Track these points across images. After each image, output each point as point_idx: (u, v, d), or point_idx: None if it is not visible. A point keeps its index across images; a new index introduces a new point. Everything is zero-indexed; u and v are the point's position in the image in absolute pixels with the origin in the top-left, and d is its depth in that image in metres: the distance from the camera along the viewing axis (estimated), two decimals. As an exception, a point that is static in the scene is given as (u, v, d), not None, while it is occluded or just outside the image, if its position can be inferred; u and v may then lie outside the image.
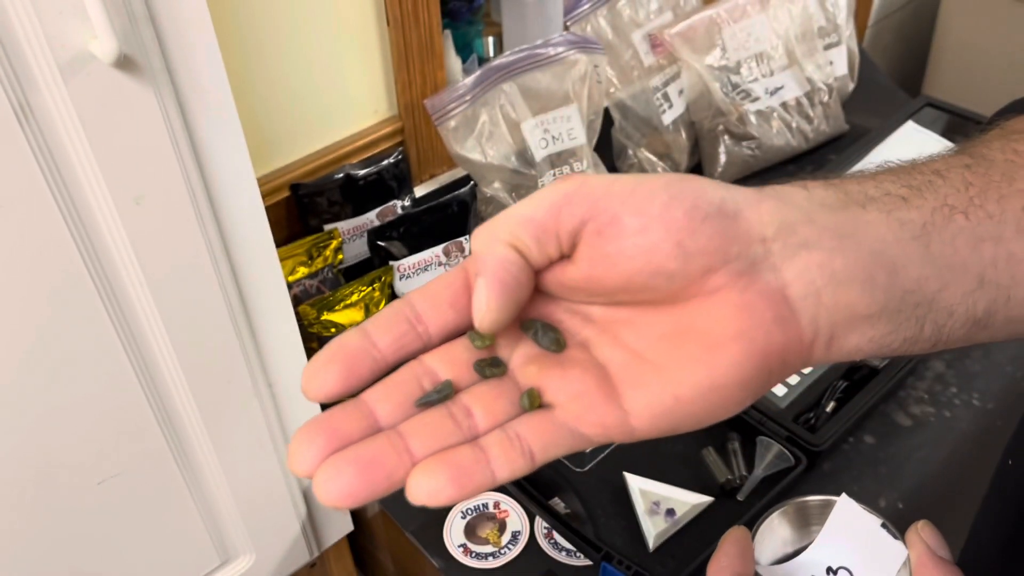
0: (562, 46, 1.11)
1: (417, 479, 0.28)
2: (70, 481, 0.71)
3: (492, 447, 0.29)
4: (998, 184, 0.32)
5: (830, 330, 0.30)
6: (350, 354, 0.29)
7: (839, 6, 1.40)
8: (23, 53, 0.52)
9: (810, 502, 0.39)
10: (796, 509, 0.40)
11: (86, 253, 0.62)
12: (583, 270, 0.30)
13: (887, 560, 0.36)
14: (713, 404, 0.30)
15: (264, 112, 0.99)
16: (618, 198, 0.29)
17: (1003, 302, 0.32)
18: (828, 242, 0.30)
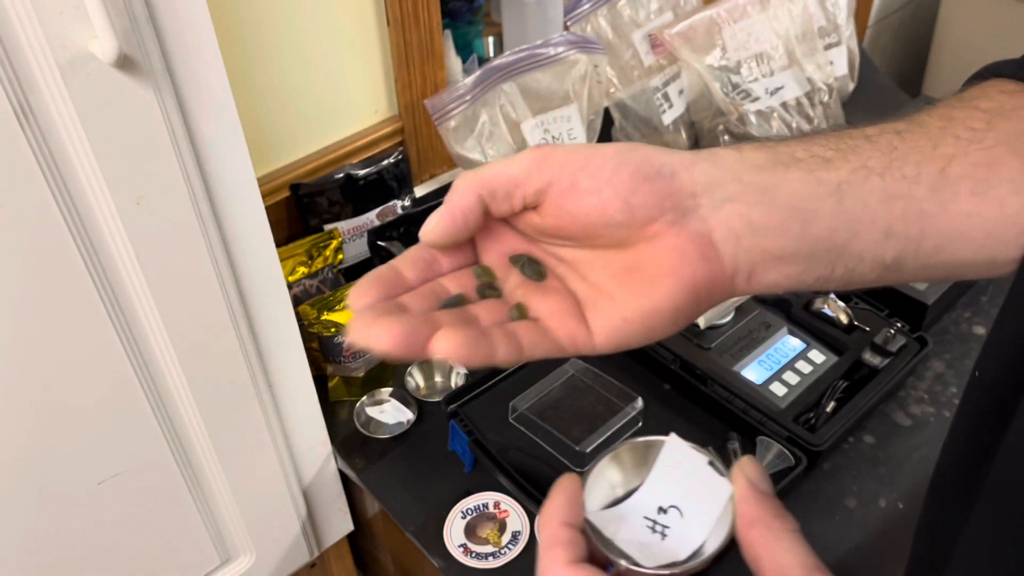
0: (562, 46, 1.11)
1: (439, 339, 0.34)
2: (70, 481, 0.71)
3: (494, 333, 0.36)
4: (922, 148, 0.37)
5: (749, 267, 0.38)
6: (385, 279, 0.38)
7: (839, 6, 1.40)
8: (23, 53, 0.53)
9: (639, 443, 0.40)
10: (626, 452, 0.40)
11: (86, 253, 0.62)
12: (550, 221, 0.38)
13: (714, 496, 0.37)
14: (653, 325, 0.37)
15: (264, 112, 1.00)
16: (577, 165, 0.37)
17: (912, 252, 0.37)
18: (750, 197, 0.37)
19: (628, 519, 0.38)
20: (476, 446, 0.89)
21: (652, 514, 0.38)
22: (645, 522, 0.38)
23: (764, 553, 0.34)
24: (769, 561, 0.34)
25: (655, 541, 0.37)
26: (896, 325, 0.99)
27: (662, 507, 0.38)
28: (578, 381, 0.97)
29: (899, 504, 0.88)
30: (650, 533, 0.37)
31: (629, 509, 0.38)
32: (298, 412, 0.86)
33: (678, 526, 0.37)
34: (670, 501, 0.38)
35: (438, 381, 1.04)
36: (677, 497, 0.38)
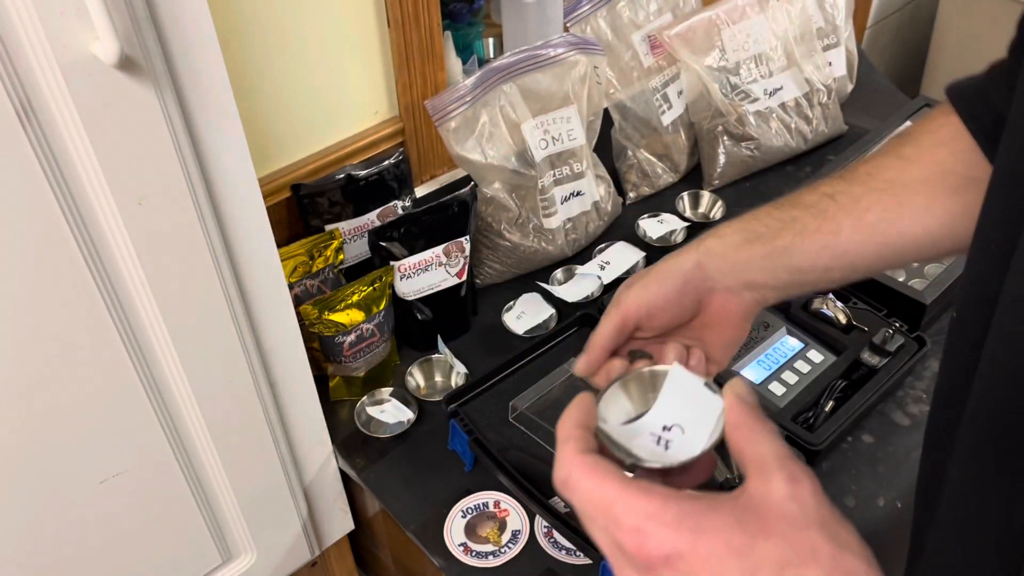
0: (562, 47, 1.12)
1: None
2: (72, 480, 0.72)
3: None
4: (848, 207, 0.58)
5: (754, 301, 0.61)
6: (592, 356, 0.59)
7: (838, 7, 1.40)
8: (25, 54, 0.53)
9: (645, 373, 0.47)
10: (633, 380, 0.47)
11: (88, 253, 0.62)
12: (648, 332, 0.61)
13: (708, 412, 0.44)
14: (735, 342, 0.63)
15: (265, 113, 1.00)
16: (649, 301, 0.59)
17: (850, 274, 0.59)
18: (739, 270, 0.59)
19: (638, 435, 0.45)
20: (476, 445, 0.89)
21: (658, 431, 0.45)
22: (652, 438, 0.44)
23: (746, 448, 0.40)
24: (750, 455, 0.40)
25: (659, 451, 0.44)
26: (894, 325, 1.00)
27: (666, 426, 0.44)
28: (578, 380, 0.97)
29: (897, 503, 0.88)
30: (655, 445, 0.44)
31: (639, 427, 0.45)
32: (299, 411, 0.86)
33: (679, 439, 0.44)
34: (673, 421, 0.45)
35: (438, 381, 1.04)
36: (679, 416, 0.45)
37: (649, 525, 0.38)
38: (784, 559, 0.36)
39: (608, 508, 0.39)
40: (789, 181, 1.33)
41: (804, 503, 0.37)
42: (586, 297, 1.11)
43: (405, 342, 1.08)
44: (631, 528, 0.38)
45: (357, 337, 0.97)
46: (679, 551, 0.37)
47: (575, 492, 0.41)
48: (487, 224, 1.12)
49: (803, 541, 0.36)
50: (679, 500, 0.38)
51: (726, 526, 0.37)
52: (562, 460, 0.42)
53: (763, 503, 0.38)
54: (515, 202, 1.12)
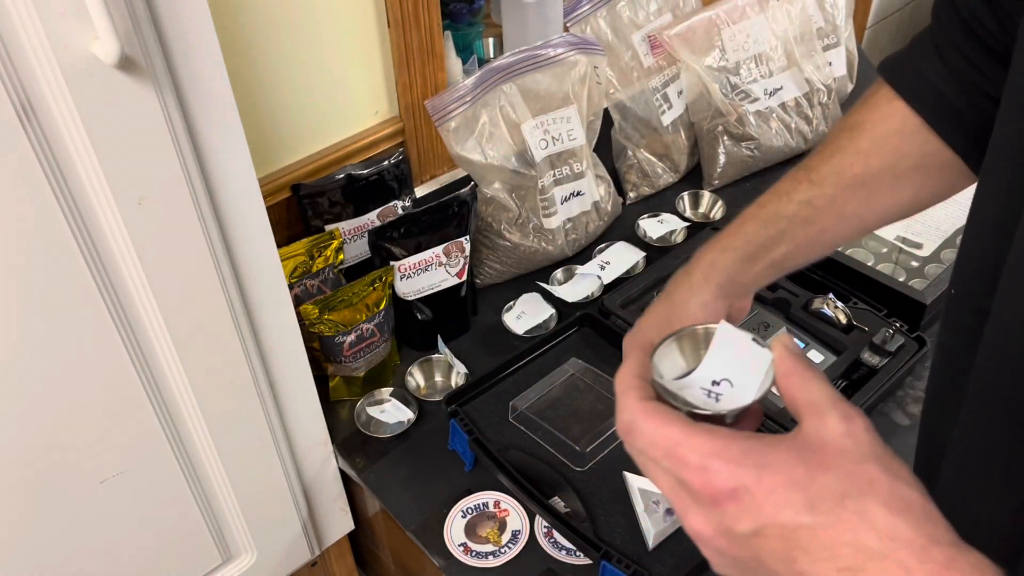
0: (562, 47, 1.12)
1: None
2: (72, 480, 0.72)
3: None
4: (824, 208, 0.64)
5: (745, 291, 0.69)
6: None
7: (838, 7, 1.40)
8: (25, 55, 0.53)
9: (698, 331, 0.49)
10: (687, 337, 0.49)
11: (88, 253, 0.62)
12: None
13: (757, 365, 0.46)
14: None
15: (266, 113, 1.00)
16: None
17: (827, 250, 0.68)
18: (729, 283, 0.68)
19: (690, 388, 0.47)
20: (476, 445, 0.89)
21: (707, 385, 0.46)
22: (703, 391, 0.46)
23: (798, 394, 0.41)
24: (802, 399, 0.41)
25: (711, 403, 0.46)
26: (894, 325, 1.00)
27: (715, 380, 0.46)
28: (578, 381, 0.97)
29: (897, 503, 0.88)
30: (706, 397, 0.46)
31: (690, 381, 0.47)
32: (299, 411, 0.86)
33: (728, 392, 0.46)
34: (723, 375, 0.46)
35: (438, 381, 1.04)
36: (728, 371, 0.46)
37: (715, 462, 0.40)
38: (843, 490, 0.38)
39: (673, 448, 0.41)
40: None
41: (859, 439, 0.39)
42: (586, 297, 1.11)
43: (405, 342, 1.08)
44: (697, 466, 0.40)
45: (357, 337, 0.97)
46: (744, 485, 0.39)
47: (639, 435, 0.43)
48: (487, 224, 1.12)
49: (860, 473, 0.38)
50: (742, 439, 0.40)
51: (787, 460, 0.39)
52: (625, 407, 0.44)
53: (819, 440, 0.39)
54: (515, 202, 1.12)
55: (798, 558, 0.38)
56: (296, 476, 0.90)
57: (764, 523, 0.38)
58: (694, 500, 0.41)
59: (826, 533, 0.37)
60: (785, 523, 0.38)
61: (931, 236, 1.15)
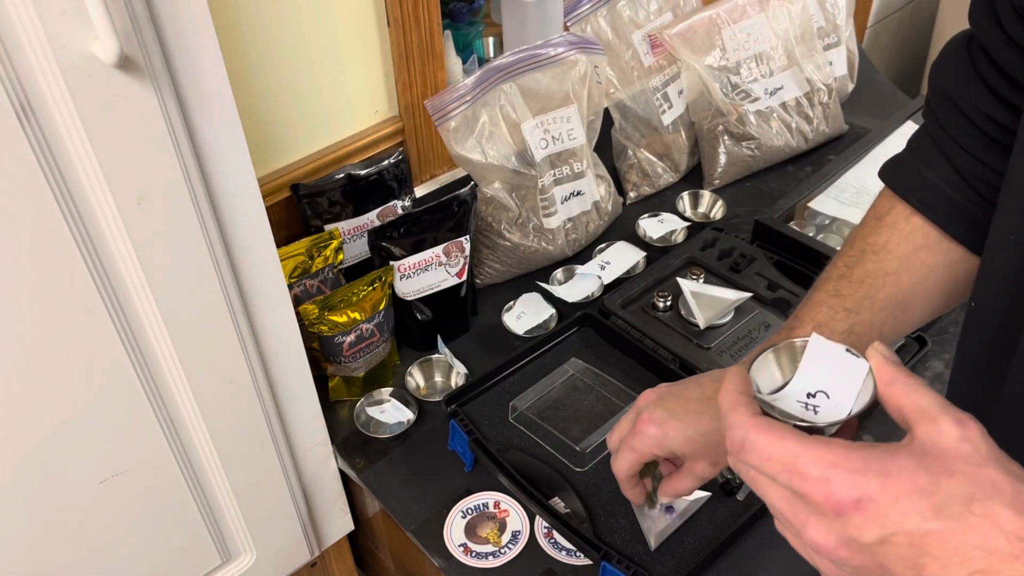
0: (562, 47, 1.11)
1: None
2: (72, 480, 0.72)
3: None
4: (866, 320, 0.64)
5: None
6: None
7: (838, 7, 1.40)
8: (25, 54, 0.53)
9: (795, 344, 0.48)
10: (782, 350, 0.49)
11: (87, 253, 0.62)
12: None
13: (853, 376, 0.45)
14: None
15: (265, 112, 1.00)
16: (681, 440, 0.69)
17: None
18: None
19: (786, 401, 0.47)
20: (476, 446, 0.89)
21: (803, 398, 0.46)
22: (799, 404, 0.46)
23: (905, 402, 0.41)
24: (910, 407, 0.41)
25: (809, 415, 0.46)
26: (895, 325, 0.99)
27: (810, 392, 0.46)
28: (578, 381, 0.97)
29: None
30: (804, 410, 0.46)
31: (785, 395, 0.47)
32: (298, 412, 0.86)
33: (826, 404, 0.46)
34: (817, 387, 0.46)
35: (438, 381, 1.04)
36: (823, 382, 0.46)
37: (836, 473, 0.40)
38: (969, 494, 0.37)
39: (792, 463, 0.41)
40: (790, 181, 1.33)
41: (976, 442, 0.39)
42: (586, 297, 1.11)
43: (405, 342, 1.08)
44: (819, 478, 0.40)
45: (357, 337, 0.96)
46: (869, 494, 0.39)
47: (753, 452, 0.43)
48: (487, 224, 1.12)
49: (984, 477, 0.38)
50: (861, 448, 0.40)
51: (909, 468, 0.39)
52: (736, 424, 0.44)
53: (937, 446, 0.39)
54: (515, 202, 1.11)
55: (927, 564, 0.38)
56: (296, 476, 0.89)
57: (891, 531, 0.39)
58: (814, 512, 0.41)
59: (955, 537, 0.37)
60: (912, 530, 0.38)
61: (932, 236, 1.15)
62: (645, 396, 0.72)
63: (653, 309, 1.06)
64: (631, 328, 1.02)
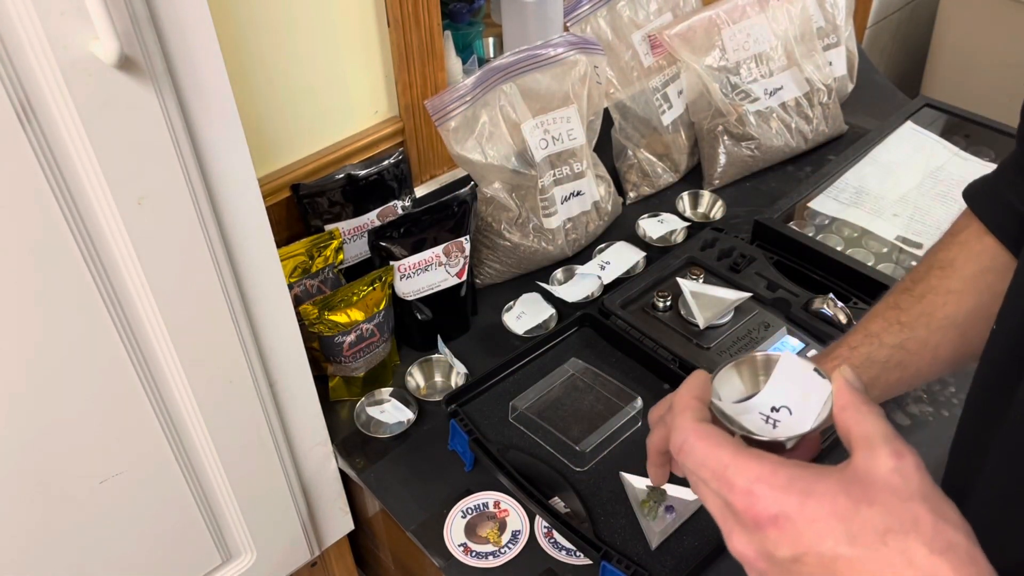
0: (562, 47, 1.11)
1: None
2: (72, 480, 0.72)
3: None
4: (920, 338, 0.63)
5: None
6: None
7: (838, 7, 1.40)
8: (25, 54, 0.53)
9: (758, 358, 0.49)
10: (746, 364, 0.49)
11: (88, 253, 0.62)
12: None
13: (816, 395, 0.46)
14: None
15: (265, 113, 1.00)
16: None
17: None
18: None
19: (748, 413, 0.47)
20: (476, 446, 0.89)
21: (767, 411, 0.47)
22: (761, 417, 0.47)
23: (853, 427, 0.42)
24: (856, 432, 0.41)
25: (768, 428, 0.46)
26: (895, 325, 0.99)
27: (775, 407, 0.47)
28: (578, 381, 0.97)
29: (898, 503, 0.88)
30: (763, 423, 0.47)
31: (750, 406, 0.48)
32: (298, 412, 0.86)
33: (787, 419, 0.47)
34: (782, 402, 0.47)
35: (438, 381, 1.04)
36: (788, 399, 0.47)
37: (760, 487, 0.40)
38: (887, 526, 0.38)
39: (722, 471, 0.42)
40: (789, 181, 1.33)
41: (908, 476, 0.39)
42: (586, 297, 1.11)
43: (405, 342, 1.08)
44: (743, 490, 0.41)
45: (357, 337, 0.96)
46: (786, 512, 0.39)
47: (690, 456, 0.44)
48: (487, 224, 1.12)
49: (906, 511, 0.38)
50: (789, 466, 0.41)
51: (832, 491, 0.39)
52: (679, 427, 0.45)
53: (868, 474, 0.39)
54: (515, 202, 1.11)
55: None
56: (296, 476, 0.90)
57: (803, 550, 0.39)
58: (738, 522, 0.42)
59: (865, 566, 0.38)
60: (824, 552, 0.38)
61: (931, 236, 1.15)
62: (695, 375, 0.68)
63: (653, 309, 1.06)
64: (631, 328, 1.02)
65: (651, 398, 0.96)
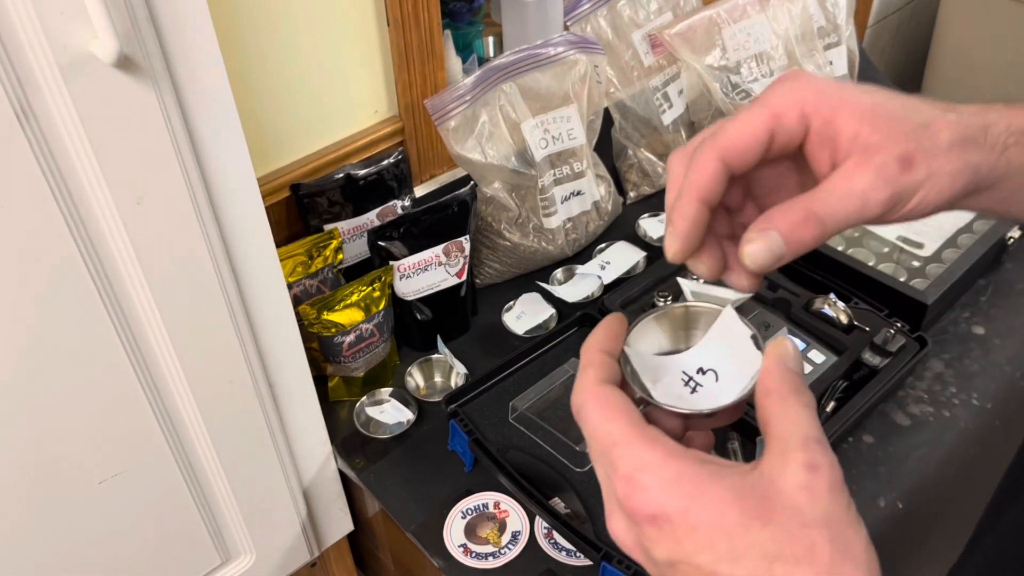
0: (562, 46, 1.11)
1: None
2: (71, 480, 0.71)
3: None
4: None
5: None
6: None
7: (839, 6, 1.40)
8: (24, 54, 0.53)
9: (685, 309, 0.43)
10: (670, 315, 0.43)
11: (87, 253, 0.62)
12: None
13: (747, 368, 0.40)
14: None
15: (265, 112, 1.00)
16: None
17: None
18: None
19: (668, 369, 0.41)
20: (476, 446, 0.89)
21: (691, 372, 0.41)
22: (682, 376, 0.41)
23: (772, 420, 0.37)
24: (775, 428, 0.37)
25: (684, 393, 0.40)
26: (895, 325, 0.99)
27: (702, 368, 0.41)
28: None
29: (898, 504, 0.88)
30: (682, 385, 0.41)
31: (672, 362, 0.41)
32: (298, 412, 0.86)
33: (710, 386, 0.40)
34: (710, 365, 0.41)
35: (438, 381, 1.04)
36: (718, 362, 0.41)
37: (643, 477, 0.36)
38: (776, 551, 0.33)
39: (610, 448, 0.37)
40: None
41: (816, 495, 0.34)
42: (586, 297, 1.10)
43: (405, 342, 1.07)
44: (624, 475, 0.36)
45: (356, 337, 0.96)
46: (667, 513, 0.35)
47: (585, 422, 0.39)
48: (487, 224, 1.12)
49: (803, 537, 0.33)
50: (682, 459, 0.36)
51: (724, 500, 0.35)
52: (578, 387, 0.40)
53: (772, 485, 0.35)
54: (515, 202, 1.11)
55: None
56: (295, 477, 0.89)
57: (679, 558, 0.35)
58: (618, 507, 0.38)
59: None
60: (701, 565, 0.34)
61: (932, 236, 1.15)
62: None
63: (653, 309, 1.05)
64: (631, 328, 1.02)
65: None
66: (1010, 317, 1.08)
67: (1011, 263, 1.16)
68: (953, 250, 1.10)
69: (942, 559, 1.12)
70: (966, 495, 1.05)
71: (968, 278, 1.09)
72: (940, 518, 1.00)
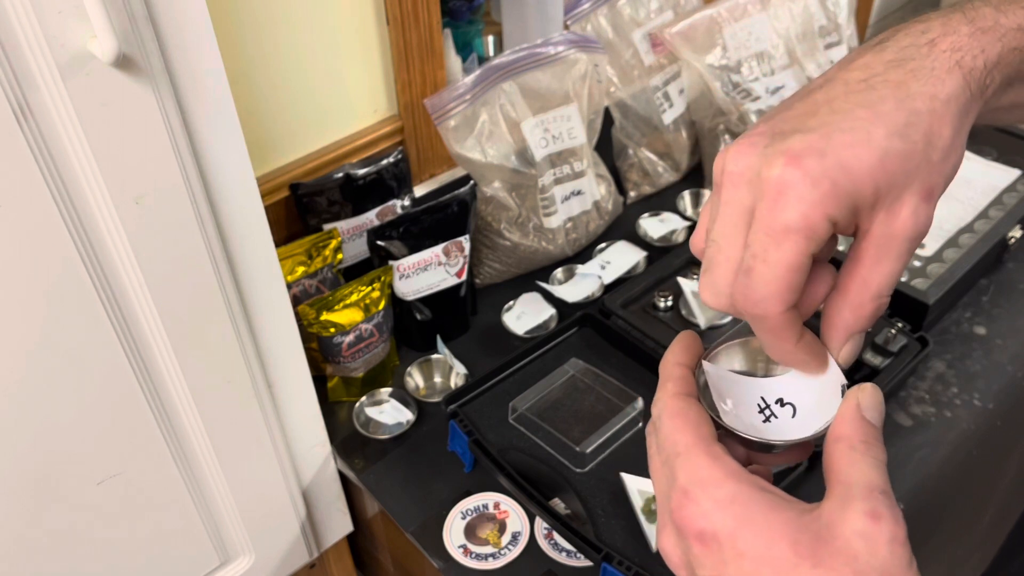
0: (562, 45, 1.11)
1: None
2: (70, 481, 0.71)
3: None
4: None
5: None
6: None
7: (840, 5, 1.40)
8: (22, 53, 0.52)
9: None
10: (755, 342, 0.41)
11: (85, 253, 0.61)
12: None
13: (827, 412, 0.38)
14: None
15: (264, 111, 0.99)
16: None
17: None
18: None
19: (745, 391, 0.40)
20: (476, 446, 0.88)
21: (770, 400, 0.39)
22: (759, 402, 0.39)
23: (838, 467, 0.35)
24: (841, 473, 0.35)
25: (756, 421, 0.39)
26: (897, 325, 0.99)
27: (782, 399, 0.39)
28: (578, 381, 0.97)
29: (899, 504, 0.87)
30: (756, 412, 0.39)
31: (754, 385, 0.40)
32: (297, 412, 0.86)
33: (785, 420, 0.39)
34: (791, 399, 0.39)
35: (437, 381, 1.04)
36: (800, 398, 0.39)
37: (698, 492, 0.35)
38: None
39: (673, 458, 0.37)
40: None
41: (875, 544, 0.32)
42: (586, 297, 1.10)
43: (404, 342, 1.07)
44: (681, 487, 0.36)
45: (356, 337, 0.96)
46: (715, 531, 0.34)
47: (657, 432, 0.39)
48: (487, 223, 1.11)
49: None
50: (742, 482, 0.35)
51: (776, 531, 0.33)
52: (657, 398, 0.41)
53: (829, 528, 0.33)
54: (515, 201, 1.11)
55: None
56: (294, 477, 0.89)
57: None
58: (670, 519, 0.37)
59: None
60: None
61: (933, 236, 1.15)
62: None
63: (654, 309, 1.05)
64: (632, 328, 1.02)
65: (651, 398, 0.95)
66: (1012, 317, 1.08)
67: (1013, 262, 1.16)
68: (954, 250, 1.10)
69: (944, 559, 1.12)
70: (968, 495, 1.05)
71: (970, 278, 1.08)
72: (942, 518, 1.00)
